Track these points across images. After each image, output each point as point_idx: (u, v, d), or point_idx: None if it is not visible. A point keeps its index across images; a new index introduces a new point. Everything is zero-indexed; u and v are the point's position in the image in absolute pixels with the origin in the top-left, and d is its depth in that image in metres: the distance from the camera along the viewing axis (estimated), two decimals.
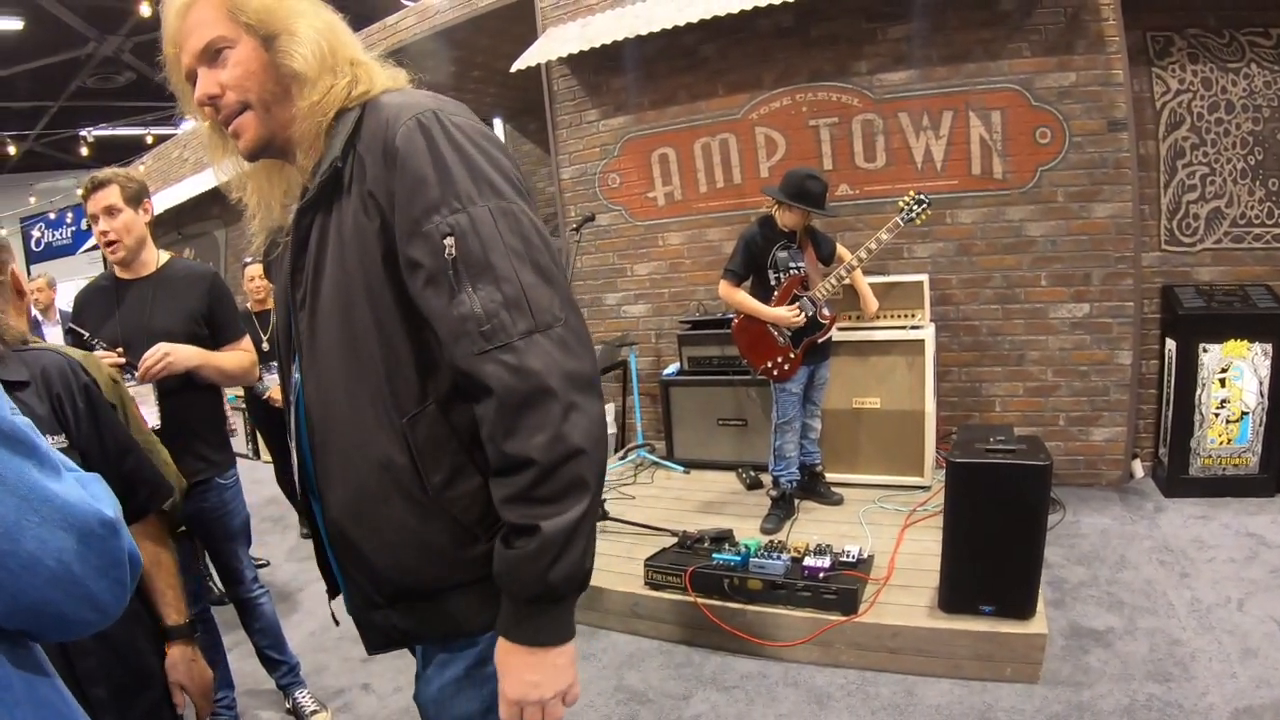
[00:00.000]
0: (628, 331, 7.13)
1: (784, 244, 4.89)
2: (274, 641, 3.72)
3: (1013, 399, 5.82)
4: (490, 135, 1.52)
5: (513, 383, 1.34)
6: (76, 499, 0.94)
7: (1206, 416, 5.28)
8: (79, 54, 14.06)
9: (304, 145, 1.58)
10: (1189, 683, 3.43)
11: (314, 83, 1.52)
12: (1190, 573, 4.36)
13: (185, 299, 3.28)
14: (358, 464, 1.54)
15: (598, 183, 7.07)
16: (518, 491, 1.35)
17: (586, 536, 1.38)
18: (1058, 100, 5.36)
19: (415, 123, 1.44)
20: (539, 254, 1.43)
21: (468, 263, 1.38)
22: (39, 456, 0.92)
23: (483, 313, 1.36)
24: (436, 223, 1.39)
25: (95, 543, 0.96)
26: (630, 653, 4.15)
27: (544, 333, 1.37)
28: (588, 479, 1.36)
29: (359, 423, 1.52)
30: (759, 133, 6.25)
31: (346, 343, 1.52)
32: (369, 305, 1.49)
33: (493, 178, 1.44)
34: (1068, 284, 5.55)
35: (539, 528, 1.33)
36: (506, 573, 1.38)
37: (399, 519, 1.52)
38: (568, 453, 1.34)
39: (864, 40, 5.81)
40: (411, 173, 1.41)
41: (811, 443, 5.20)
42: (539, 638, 1.40)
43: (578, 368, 1.39)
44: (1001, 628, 3.59)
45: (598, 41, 6.01)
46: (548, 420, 1.33)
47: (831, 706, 3.56)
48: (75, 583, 0.94)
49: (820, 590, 3.87)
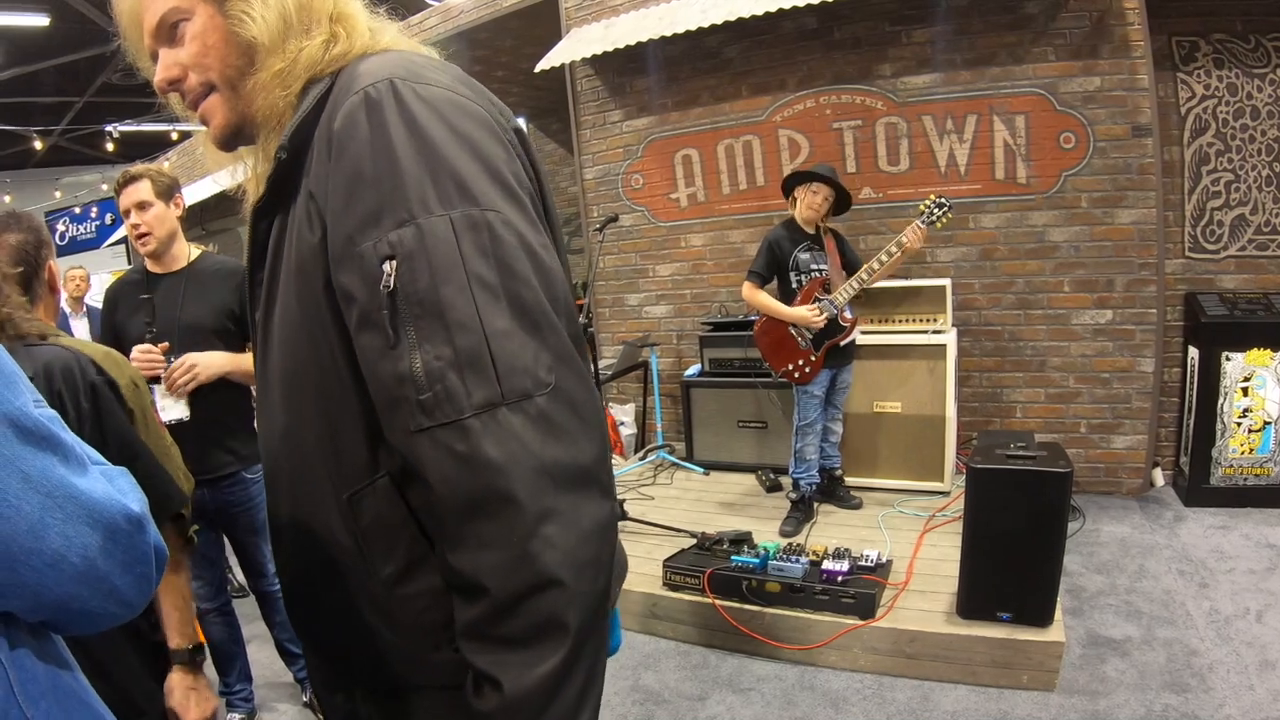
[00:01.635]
0: (649, 332, 7.13)
1: (807, 245, 4.89)
2: (294, 635, 3.66)
3: (1034, 405, 5.80)
4: (480, 114, 1.13)
5: (459, 477, 0.98)
6: (102, 494, 0.93)
7: (1228, 426, 5.24)
8: (104, 50, 14.12)
9: (266, 126, 1.24)
10: (1206, 694, 3.41)
11: (276, 49, 1.19)
12: (1209, 583, 4.33)
13: (216, 294, 3.30)
14: (301, 537, 1.24)
15: (621, 183, 7.08)
16: (471, 625, 1.01)
17: (577, 687, 1.02)
18: (1082, 105, 5.34)
19: (361, 97, 1.07)
20: (521, 286, 1.03)
21: (409, 299, 1.00)
22: (64, 451, 0.91)
23: (423, 374, 0.99)
24: (374, 240, 1.02)
25: (121, 538, 0.94)
26: (648, 653, 4.16)
27: (514, 406, 0.99)
28: (565, 620, 0.99)
29: (303, 487, 1.22)
30: (782, 135, 6.25)
31: (290, 388, 1.21)
32: (310, 345, 1.15)
33: (464, 174, 1.05)
34: (1090, 290, 5.52)
35: (500, 685, 0.98)
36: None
37: (346, 609, 1.21)
38: (535, 583, 0.97)
39: (887, 43, 5.80)
40: (347, 167, 1.05)
41: (832, 446, 5.18)
42: None
43: (565, 456, 1.01)
44: (1019, 635, 3.57)
45: (621, 42, 6.01)
46: (507, 534, 0.97)
47: (847, 710, 3.56)
48: (100, 578, 0.92)
49: (838, 594, 3.87)
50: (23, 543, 0.84)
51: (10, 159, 19.43)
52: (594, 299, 7.51)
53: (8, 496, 0.83)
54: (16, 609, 0.90)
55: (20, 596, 0.88)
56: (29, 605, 0.90)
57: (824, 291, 4.84)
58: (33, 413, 0.88)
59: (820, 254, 4.90)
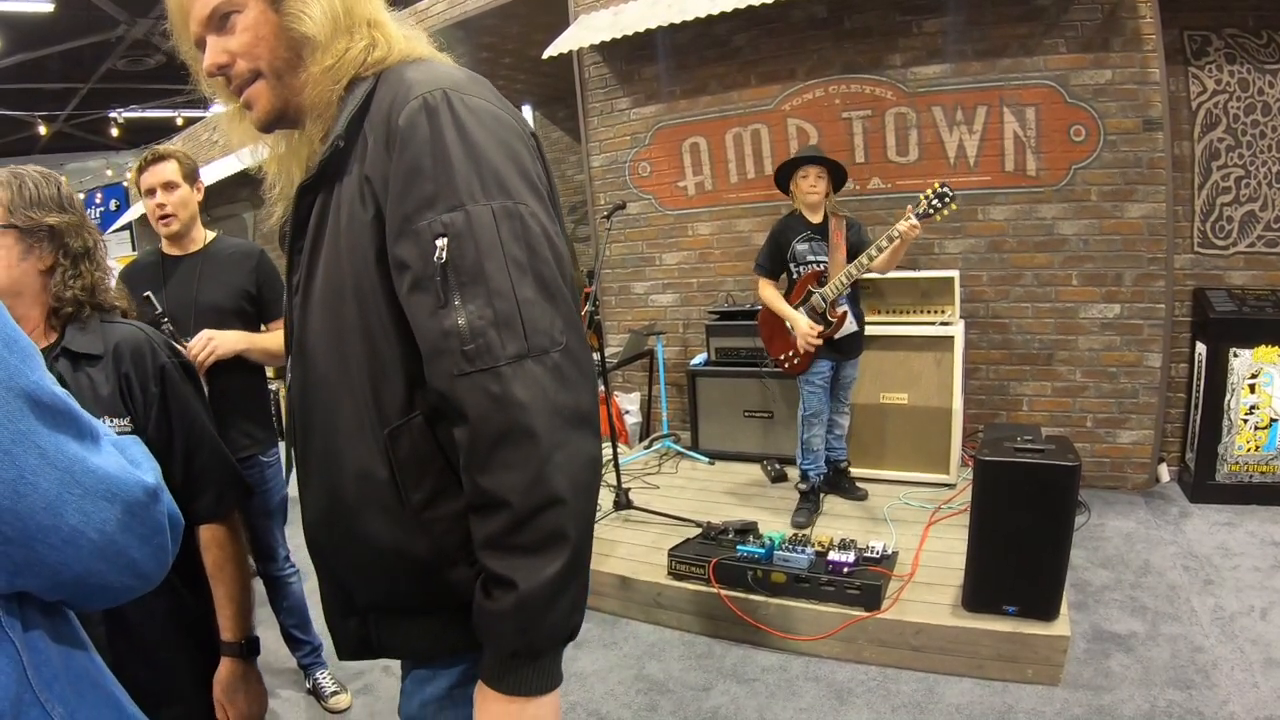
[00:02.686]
0: (655, 321, 7.13)
1: (807, 236, 4.84)
2: (299, 621, 3.77)
3: (1040, 399, 5.79)
4: (511, 125, 1.37)
5: (492, 413, 1.21)
6: (117, 469, 0.93)
7: (1235, 422, 5.22)
8: (109, 36, 14.13)
9: (315, 114, 1.45)
10: (1210, 691, 3.41)
11: (326, 46, 1.39)
12: (1214, 580, 4.32)
13: (232, 275, 3.32)
14: (334, 471, 1.42)
15: (628, 171, 7.06)
16: (492, 536, 1.23)
17: (572, 592, 1.26)
18: (1093, 98, 5.31)
19: (421, 102, 1.29)
20: (544, 266, 1.29)
21: (458, 270, 1.23)
22: (79, 427, 0.90)
23: (468, 329, 1.22)
24: (429, 220, 1.25)
25: (138, 510, 0.95)
26: (652, 642, 4.16)
27: (536, 358, 1.23)
28: (568, 531, 1.23)
29: (339, 428, 1.40)
30: (791, 124, 6.22)
31: (333, 340, 1.39)
32: (357, 304, 1.36)
33: (503, 173, 1.29)
34: (1099, 284, 5.50)
35: (515, 584, 1.21)
36: (482, 625, 1.27)
37: (374, 534, 1.39)
38: (547, 499, 1.21)
39: (898, 33, 5.77)
40: (409, 160, 1.28)
41: (837, 439, 5.14)
42: (519, 688, 1.27)
43: (573, 401, 1.26)
44: (1024, 628, 3.57)
45: (630, 29, 5.99)
46: (528, 460, 1.20)
47: (852, 702, 3.55)
48: (119, 552, 0.93)
49: (844, 585, 3.86)
50: (40, 520, 0.84)
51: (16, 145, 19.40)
52: (600, 286, 7.42)
53: (24, 473, 0.82)
54: (34, 588, 0.90)
55: (38, 575, 0.87)
56: (47, 583, 0.89)
57: (817, 285, 4.77)
58: (49, 387, 0.87)
59: (820, 244, 4.83)
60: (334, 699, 3.74)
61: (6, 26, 12.63)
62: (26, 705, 0.88)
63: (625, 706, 3.65)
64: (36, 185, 1.81)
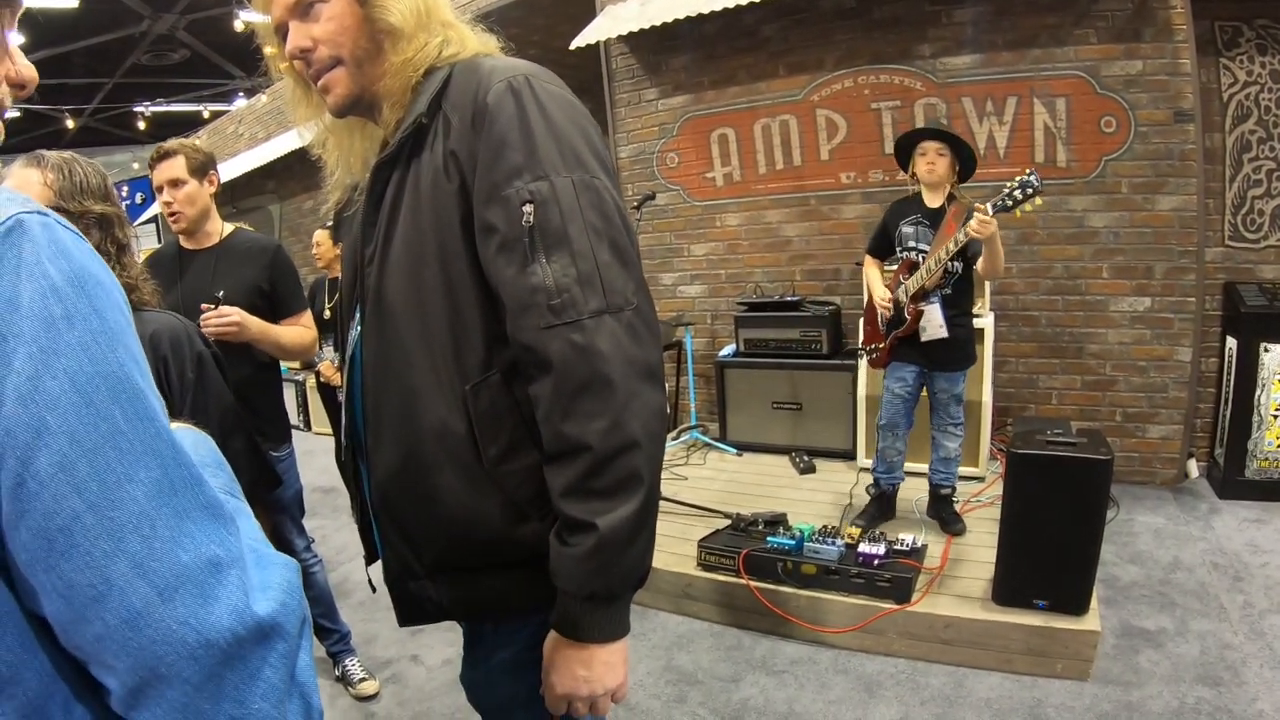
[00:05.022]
0: (683, 312, 7.13)
1: (915, 219, 4.43)
2: (326, 610, 3.79)
3: (1069, 392, 5.76)
4: (582, 108, 1.49)
5: (577, 362, 1.31)
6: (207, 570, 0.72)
7: (1265, 418, 5.19)
8: (133, 31, 14.20)
9: (391, 100, 1.55)
10: (1240, 688, 3.39)
11: (410, 38, 1.49)
12: (1243, 577, 4.30)
13: (247, 270, 3.31)
14: (412, 428, 1.48)
15: (656, 162, 7.06)
16: (572, 482, 1.33)
17: (646, 534, 1.37)
18: (1124, 89, 5.27)
19: (506, 85, 1.40)
20: (618, 234, 1.40)
21: (545, 232, 1.34)
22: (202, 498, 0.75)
23: (554, 286, 1.32)
24: (517, 188, 1.35)
25: (225, 649, 0.71)
26: (681, 634, 4.17)
27: (615, 315, 1.34)
28: (643, 473, 1.33)
29: (418, 386, 1.47)
30: (820, 115, 6.20)
31: (413, 303, 1.47)
32: (440, 267, 1.45)
33: (580, 150, 1.41)
34: (1129, 277, 5.47)
35: (595, 525, 1.30)
36: (561, 570, 1.36)
37: (449, 488, 1.46)
38: (624, 443, 1.31)
39: (927, 23, 5.75)
40: (497, 135, 1.38)
41: (941, 462, 4.58)
42: (592, 634, 1.38)
43: (644, 356, 1.36)
44: (1055, 623, 3.56)
45: (658, 20, 5.99)
46: (608, 407, 1.30)
47: (881, 695, 3.55)
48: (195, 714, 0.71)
49: (874, 578, 3.86)
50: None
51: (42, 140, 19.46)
52: None
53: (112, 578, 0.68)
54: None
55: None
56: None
57: (908, 275, 4.41)
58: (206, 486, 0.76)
59: (927, 230, 4.36)
60: (362, 685, 3.77)
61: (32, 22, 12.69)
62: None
63: (654, 697, 3.66)
64: (85, 173, 1.82)
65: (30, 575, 0.69)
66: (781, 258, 6.60)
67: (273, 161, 10.69)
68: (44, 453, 0.68)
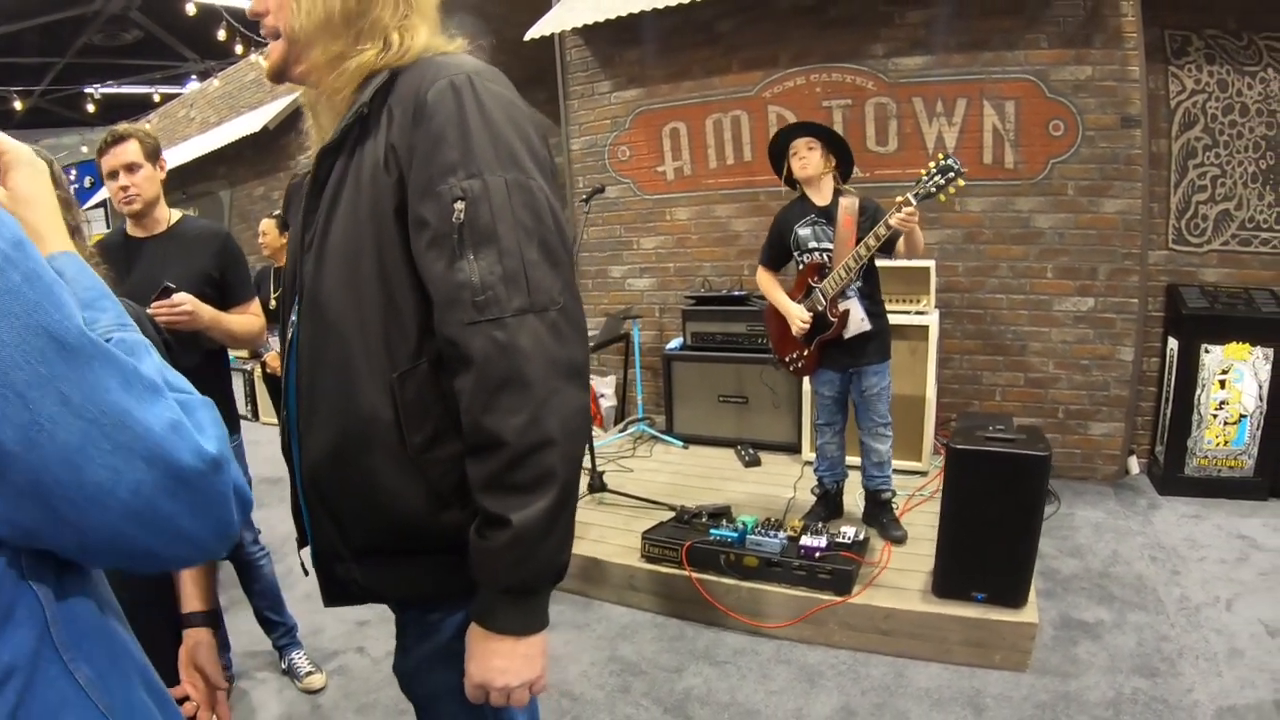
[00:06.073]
0: (631, 305, 7.11)
1: (810, 220, 4.27)
2: (273, 603, 3.77)
3: (1013, 389, 5.83)
4: (524, 109, 1.50)
5: (497, 359, 1.34)
6: (165, 426, 0.85)
7: (1204, 417, 5.29)
8: (86, 10, 13.97)
9: (332, 91, 1.56)
10: (1175, 679, 3.45)
11: (318, 40, 1.50)
12: (1181, 571, 4.38)
13: (197, 258, 3.27)
14: (342, 412, 1.50)
15: (607, 155, 7.04)
16: (489, 476, 1.36)
17: (561, 530, 1.39)
18: (1072, 93, 5.34)
19: (448, 83, 1.42)
20: (548, 234, 1.42)
21: (474, 230, 1.36)
22: (124, 374, 0.84)
23: (479, 282, 1.35)
24: (450, 184, 1.38)
25: (191, 478, 0.86)
26: (625, 624, 4.18)
27: (539, 314, 1.36)
28: (558, 471, 1.36)
29: (349, 372, 1.49)
30: (772, 111, 6.22)
31: (348, 291, 1.49)
32: (376, 256, 1.47)
33: (516, 150, 1.43)
34: (1073, 277, 5.55)
35: (510, 520, 1.34)
36: (478, 562, 1.40)
37: (376, 473, 1.49)
38: (541, 440, 1.34)
39: (881, 23, 5.78)
40: (434, 131, 1.40)
41: (873, 465, 4.45)
42: (508, 627, 1.41)
43: (567, 355, 1.39)
44: (993, 615, 3.61)
45: (613, 13, 5.97)
46: (526, 403, 1.33)
47: (822, 685, 3.58)
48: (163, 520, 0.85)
49: (815, 570, 3.88)
50: (56, 473, 0.78)
51: None
52: (578, 270, 7.41)
53: (39, 419, 0.77)
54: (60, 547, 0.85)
55: (60, 533, 0.82)
56: (73, 544, 0.84)
57: (818, 277, 4.23)
58: (78, 327, 0.81)
59: (825, 229, 4.22)
60: (309, 679, 3.73)
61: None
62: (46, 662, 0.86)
63: (598, 687, 3.66)
64: None
65: (51, 492, 0.80)
66: (730, 252, 6.62)
67: (224, 147, 10.55)
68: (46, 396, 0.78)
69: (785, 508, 4.90)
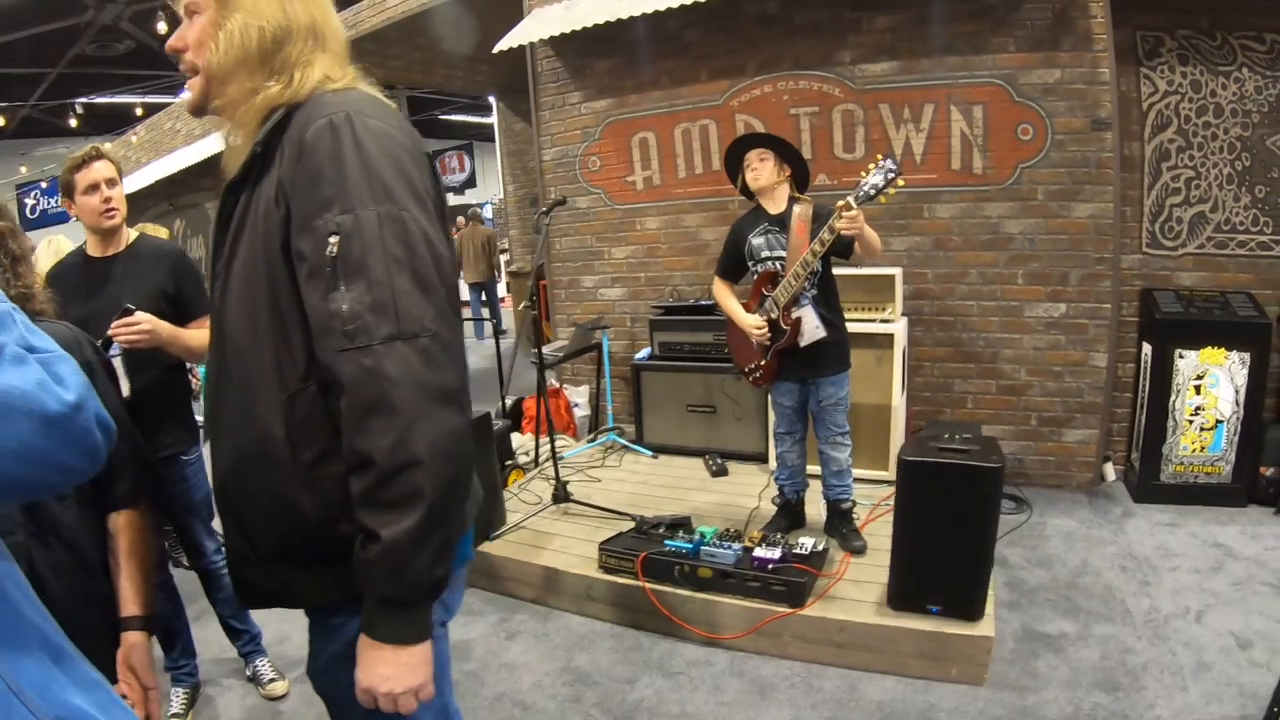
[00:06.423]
0: (603, 314, 7.13)
1: (764, 229, 4.28)
2: (236, 611, 3.81)
3: (985, 396, 5.78)
4: (405, 144, 1.58)
5: (365, 384, 1.41)
6: (33, 385, 1.01)
7: (1180, 423, 5.23)
8: (78, 21, 14.01)
9: (241, 127, 1.66)
10: (1138, 694, 3.40)
11: (234, 76, 1.61)
12: (1151, 581, 4.32)
13: (152, 275, 3.34)
14: (242, 430, 1.60)
15: (578, 165, 7.02)
16: (362, 493, 1.43)
17: (433, 546, 1.45)
18: (1041, 97, 5.29)
19: (327, 122, 1.50)
20: (420, 263, 1.49)
21: (346, 262, 1.44)
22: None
23: (349, 312, 1.42)
24: (326, 220, 1.45)
25: (60, 422, 1.04)
26: (582, 635, 4.17)
27: (408, 341, 1.43)
28: (424, 490, 1.41)
29: (247, 392, 1.59)
30: (739, 120, 6.18)
31: (247, 319, 1.59)
32: (268, 286, 1.55)
33: (390, 183, 1.49)
34: (1045, 283, 5.49)
35: (379, 535, 1.40)
36: (357, 573, 1.47)
37: (272, 487, 1.57)
38: (407, 461, 1.40)
39: (848, 30, 5.74)
40: (312, 169, 1.48)
41: (834, 475, 4.44)
42: (389, 636, 1.48)
43: (437, 380, 1.44)
44: (948, 628, 3.57)
45: (581, 23, 5.96)
46: (392, 426, 1.40)
47: (774, 698, 3.55)
48: (43, 456, 1.03)
49: (769, 582, 3.86)
50: None
51: None
52: (551, 280, 7.51)
53: None
54: None
55: None
56: None
57: (772, 286, 4.23)
58: None
59: (779, 237, 4.22)
60: (271, 685, 3.78)
61: None
62: None
63: (550, 698, 3.66)
64: None
65: None
66: (699, 261, 6.57)
67: (210, 158, 10.55)
68: None
69: (748, 518, 4.87)
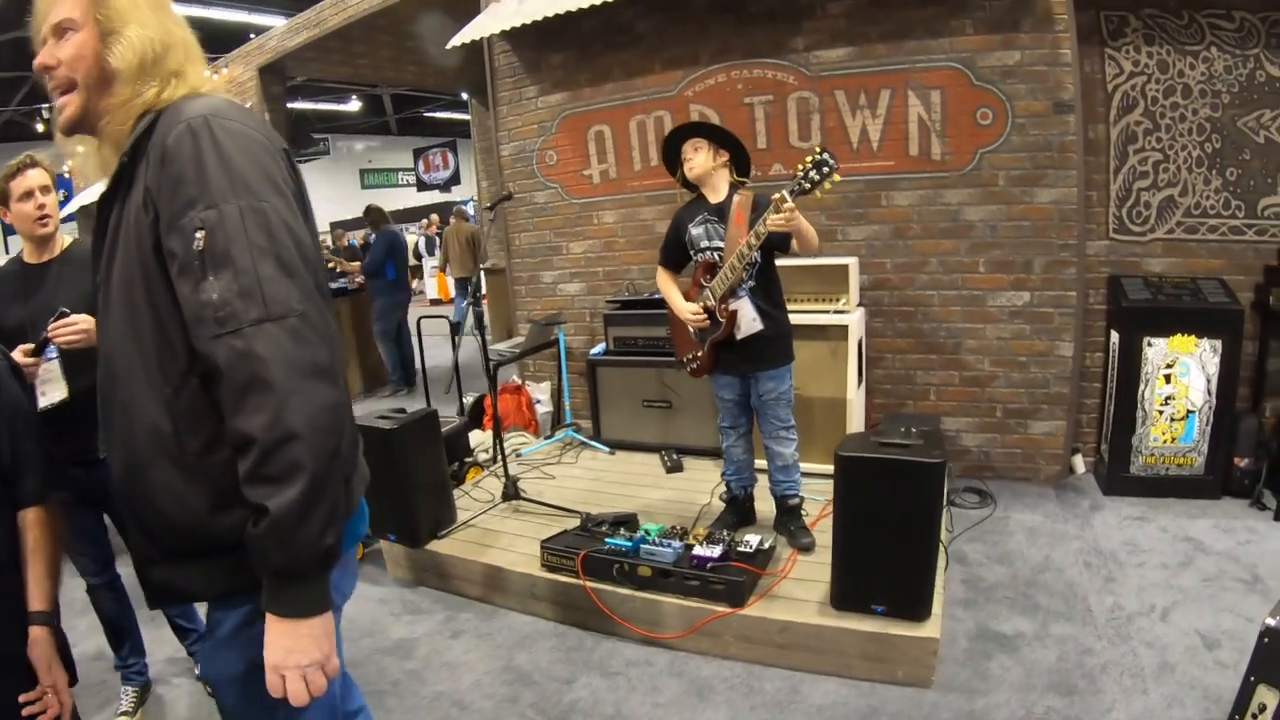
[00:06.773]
0: (562, 310, 7.10)
1: (703, 219, 4.21)
2: (183, 610, 3.82)
3: (948, 388, 5.66)
4: (262, 142, 1.69)
5: (239, 365, 1.48)
6: None
7: (1149, 413, 5.09)
8: None
9: (110, 139, 1.75)
10: (1094, 697, 3.28)
11: (127, 83, 1.69)
12: (1116, 577, 4.20)
13: (87, 280, 3.29)
14: (131, 429, 1.68)
15: (535, 160, 6.97)
16: (246, 470, 1.49)
17: (319, 515, 1.51)
18: (1001, 80, 5.17)
19: (185, 127, 1.60)
20: (283, 250, 1.58)
21: (212, 254, 1.52)
22: None
23: (218, 300, 1.50)
24: (191, 218, 1.54)
25: None
26: (526, 634, 4.13)
27: (276, 322, 1.51)
28: (305, 462, 1.48)
29: (133, 392, 1.67)
30: (694, 110, 6.09)
31: (128, 321, 1.67)
32: (145, 288, 1.63)
33: (249, 177, 1.59)
34: (1008, 271, 5.37)
35: (267, 508, 1.47)
36: (251, 548, 1.52)
37: (164, 481, 1.65)
38: (285, 435, 1.47)
39: (802, 16, 5.63)
40: (176, 172, 1.56)
41: (780, 470, 4.33)
42: (288, 609, 1.55)
43: (310, 357, 1.53)
44: (892, 629, 3.47)
45: (534, 17, 5.90)
46: (267, 403, 1.47)
47: (711, 699, 3.47)
48: None
49: (708, 581, 3.76)
50: None
51: None
52: (511, 275, 7.47)
53: None
54: None
55: None
56: None
57: (710, 276, 4.15)
58: None
59: (718, 227, 4.14)
60: None
61: None
62: None
63: (488, 697, 3.63)
64: None
65: None
66: (656, 255, 6.37)
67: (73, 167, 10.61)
68: None
69: (698, 515, 4.77)
